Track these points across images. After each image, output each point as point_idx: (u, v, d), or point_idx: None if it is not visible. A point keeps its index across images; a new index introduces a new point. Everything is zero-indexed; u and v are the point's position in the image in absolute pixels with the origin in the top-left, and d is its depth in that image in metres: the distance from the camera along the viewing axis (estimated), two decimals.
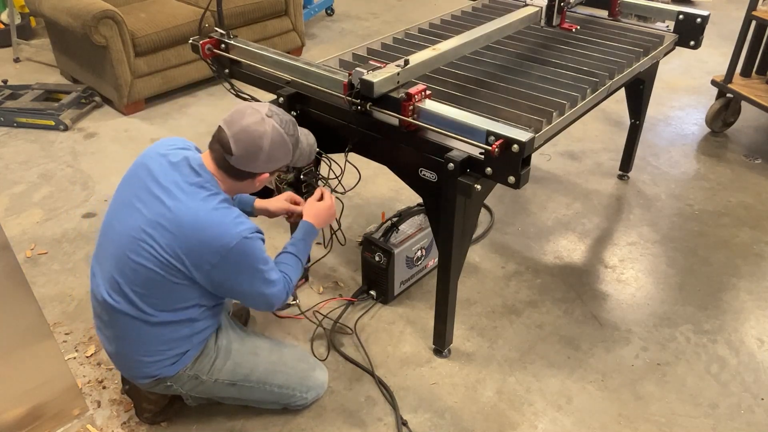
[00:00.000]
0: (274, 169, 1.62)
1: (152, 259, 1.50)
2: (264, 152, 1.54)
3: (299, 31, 4.41)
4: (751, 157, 3.32)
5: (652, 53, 2.39)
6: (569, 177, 3.14)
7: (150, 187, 1.54)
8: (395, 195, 2.97)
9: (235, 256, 1.52)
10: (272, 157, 1.56)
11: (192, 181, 1.53)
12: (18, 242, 2.63)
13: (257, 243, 1.57)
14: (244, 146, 1.52)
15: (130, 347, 1.64)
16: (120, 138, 3.46)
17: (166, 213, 1.50)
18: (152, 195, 1.53)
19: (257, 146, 1.53)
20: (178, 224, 1.49)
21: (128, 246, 1.53)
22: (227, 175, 1.58)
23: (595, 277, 2.49)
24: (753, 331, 2.25)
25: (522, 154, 1.56)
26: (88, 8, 3.35)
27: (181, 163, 1.55)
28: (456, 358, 2.11)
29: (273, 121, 1.55)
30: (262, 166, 1.57)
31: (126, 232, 1.54)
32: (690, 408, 1.96)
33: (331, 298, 2.33)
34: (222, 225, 1.51)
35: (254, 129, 1.52)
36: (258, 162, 1.55)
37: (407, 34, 2.52)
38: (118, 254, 1.55)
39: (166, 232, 1.49)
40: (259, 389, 1.79)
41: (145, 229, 1.51)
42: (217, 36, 2.11)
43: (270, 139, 1.53)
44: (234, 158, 1.53)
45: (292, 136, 1.60)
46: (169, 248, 1.50)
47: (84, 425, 1.87)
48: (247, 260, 1.55)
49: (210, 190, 1.54)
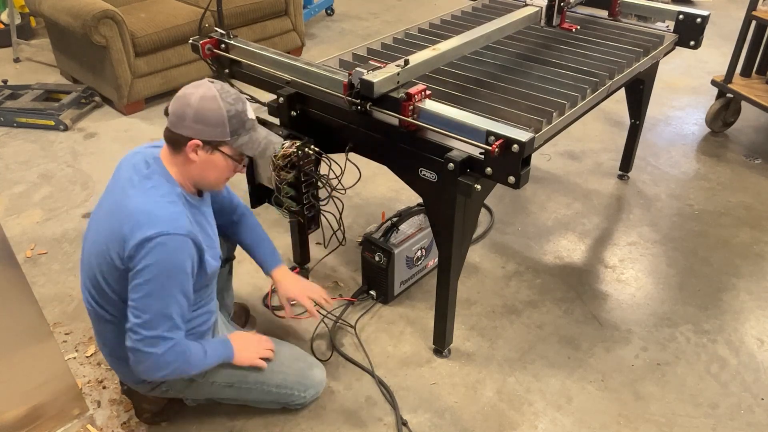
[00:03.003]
0: (206, 137, 1.48)
1: (102, 259, 1.50)
2: (191, 108, 1.46)
3: (299, 31, 4.41)
4: (751, 157, 3.32)
5: (652, 53, 2.39)
6: (569, 177, 3.14)
7: (113, 190, 1.56)
8: (395, 195, 2.97)
9: (148, 250, 1.41)
10: (200, 116, 1.46)
11: (142, 173, 1.52)
12: (18, 242, 2.63)
13: (181, 249, 1.45)
14: (177, 101, 1.49)
15: (114, 353, 1.65)
16: (120, 138, 3.46)
17: (114, 207, 1.51)
18: (109, 195, 1.56)
19: (186, 101, 1.47)
20: (116, 214, 1.48)
21: (89, 251, 1.56)
22: (169, 149, 1.53)
23: (595, 277, 2.49)
24: (753, 331, 2.25)
25: (522, 154, 1.56)
26: (88, 8, 3.35)
27: (139, 160, 1.56)
28: (456, 358, 2.11)
29: (212, 85, 1.50)
30: (191, 127, 1.47)
31: (90, 237, 1.58)
32: (690, 408, 1.96)
33: (331, 298, 2.32)
34: (152, 214, 1.44)
35: (191, 85, 1.50)
36: (186, 120, 1.47)
37: (407, 34, 2.52)
38: (86, 261, 1.59)
39: (107, 226, 1.49)
40: (257, 389, 1.79)
41: (98, 230, 1.53)
42: (217, 36, 2.11)
43: (200, 95, 1.47)
44: (169, 119, 1.50)
45: (231, 105, 1.49)
46: (109, 242, 1.47)
47: (84, 425, 1.87)
48: (158, 263, 1.42)
49: (155, 181, 1.50)
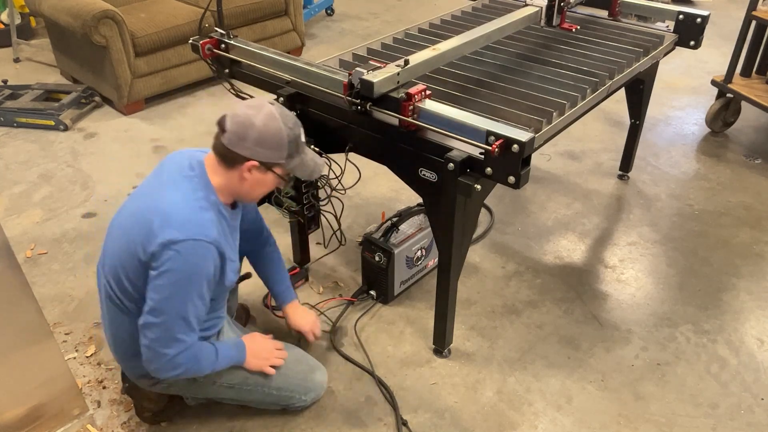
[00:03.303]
0: (264, 159, 1.51)
1: (128, 251, 1.51)
2: (255, 130, 1.48)
3: (299, 31, 4.41)
4: (751, 157, 3.32)
5: (652, 53, 2.39)
6: (569, 177, 3.14)
7: (152, 183, 1.58)
8: (395, 195, 2.97)
9: (174, 253, 1.43)
10: (263, 140, 1.49)
11: (184, 174, 1.54)
12: (18, 242, 2.63)
13: (206, 256, 1.46)
14: (238, 121, 1.49)
15: (126, 345, 1.65)
16: (120, 138, 3.46)
17: (149, 201, 1.52)
18: (149, 190, 1.56)
19: (249, 122, 1.48)
20: (150, 208, 1.49)
21: (119, 239, 1.55)
22: (219, 161, 1.53)
23: (595, 277, 2.49)
24: (753, 331, 2.25)
25: (522, 154, 1.56)
26: (88, 8, 3.35)
27: (184, 160, 1.57)
28: (456, 358, 2.11)
29: (272, 108, 1.52)
30: (252, 149, 1.49)
31: (120, 224, 1.57)
32: (690, 408, 1.96)
33: (331, 297, 2.33)
34: (184, 218, 1.45)
35: (252, 106, 1.52)
36: (247, 141, 1.49)
37: (407, 34, 2.52)
38: (113, 248, 1.58)
39: (141, 217, 1.50)
40: (258, 391, 1.79)
41: (130, 221, 1.53)
42: (217, 36, 2.11)
43: (263, 120, 1.49)
44: (226, 135, 1.49)
45: (290, 130, 1.53)
46: (139, 235, 1.48)
47: (84, 425, 1.87)
48: (181, 266, 1.44)
49: (195, 185, 1.52)
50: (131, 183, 3.04)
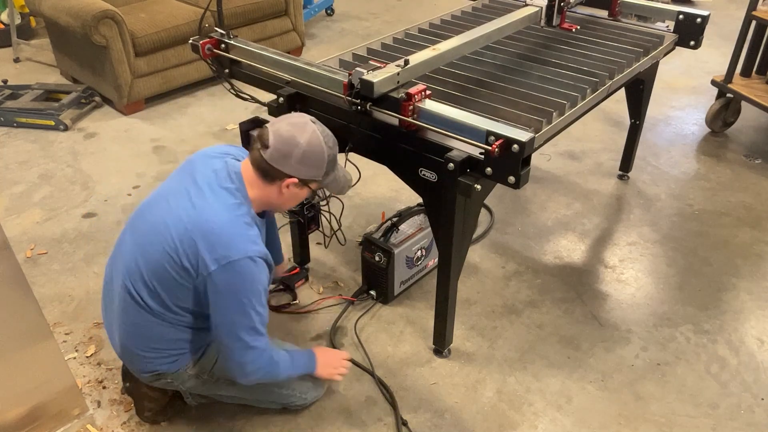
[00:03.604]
0: (303, 176, 1.57)
1: (164, 252, 1.51)
2: (299, 149, 1.52)
3: (299, 31, 4.41)
4: (751, 157, 3.32)
5: (652, 53, 2.39)
6: (569, 177, 3.14)
7: (186, 183, 1.58)
8: (395, 195, 2.98)
9: (233, 272, 1.48)
10: (306, 159, 1.54)
11: (224, 185, 1.55)
12: (18, 242, 2.63)
13: (261, 271, 1.52)
14: (282, 139, 1.52)
15: (134, 339, 1.64)
16: (120, 138, 3.46)
17: (190, 209, 1.51)
18: (185, 191, 1.56)
19: (294, 141, 1.52)
20: (195, 222, 1.49)
21: (150, 237, 1.55)
22: (259, 175, 1.57)
23: (595, 277, 2.49)
24: (753, 331, 2.25)
25: (522, 154, 1.56)
26: (88, 8, 3.35)
27: (220, 167, 1.58)
28: (456, 358, 2.11)
29: (315, 126, 1.57)
30: (294, 167, 1.54)
31: (152, 222, 1.56)
32: (690, 408, 1.96)
33: (331, 297, 2.33)
34: (235, 236, 1.49)
35: (296, 124, 1.55)
36: (291, 160, 1.53)
37: (407, 34, 2.52)
38: (141, 243, 1.57)
39: (182, 227, 1.50)
40: (259, 389, 1.79)
41: (166, 222, 1.52)
42: (217, 36, 2.10)
43: (308, 139, 1.54)
44: (269, 151, 1.52)
45: (330, 149, 1.59)
46: (181, 244, 1.49)
47: (84, 425, 1.87)
48: (241, 283, 1.50)
49: (238, 200, 1.55)
50: (131, 183, 3.04)
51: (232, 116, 3.68)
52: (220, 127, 3.58)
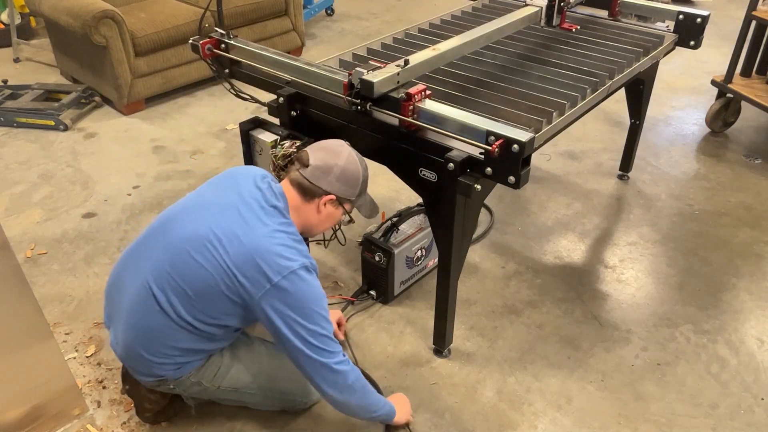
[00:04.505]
0: (340, 194, 1.65)
1: (214, 263, 1.51)
2: (338, 167, 1.63)
3: (299, 31, 4.41)
4: (751, 157, 3.32)
5: (652, 53, 2.39)
6: (569, 177, 3.14)
7: (231, 197, 1.59)
8: (395, 195, 2.98)
9: (297, 280, 1.51)
10: (343, 177, 1.63)
11: (273, 203, 1.58)
12: (18, 242, 2.63)
13: (317, 280, 1.57)
14: (322, 157, 1.63)
15: (143, 341, 1.61)
16: (120, 138, 3.46)
17: (243, 226, 1.53)
18: (232, 206, 1.57)
19: (334, 160, 1.63)
20: (252, 239, 1.51)
21: (192, 244, 1.54)
22: (298, 192, 1.64)
23: (595, 277, 2.49)
24: (753, 331, 2.25)
25: (522, 154, 1.56)
26: (88, 8, 3.35)
27: (264, 186, 1.62)
28: (456, 358, 2.11)
29: (350, 149, 1.69)
30: (332, 183, 1.63)
31: (194, 230, 1.55)
32: (690, 408, 1.96)
33: (331, 297, 2.33)
34: (291, 250, 1.53)
35: (334, 145, 1.67)
36: (330, 176, 1.62)
37: (407, 34, 2.52)
38: (178, 248, 1.55)
39: (237, 243, 1.50)
40: (261, 395, 1.79)
41: (216, 233, 1.52)
42: (217, 36, 2.11)
43: (346, 158, 1.65)
44: (309, 169, 1.62)
45: (365, 170, 1.70)
46: (236, 259, 1.50)
47: (84, 425, 1.87)
48: (307, 290, 1.53)
49: (287, 219, 1.59)
50: (131, 183, 3.04)
51: (232, 116, 3.69)
52: (220, 127, 3.58)
